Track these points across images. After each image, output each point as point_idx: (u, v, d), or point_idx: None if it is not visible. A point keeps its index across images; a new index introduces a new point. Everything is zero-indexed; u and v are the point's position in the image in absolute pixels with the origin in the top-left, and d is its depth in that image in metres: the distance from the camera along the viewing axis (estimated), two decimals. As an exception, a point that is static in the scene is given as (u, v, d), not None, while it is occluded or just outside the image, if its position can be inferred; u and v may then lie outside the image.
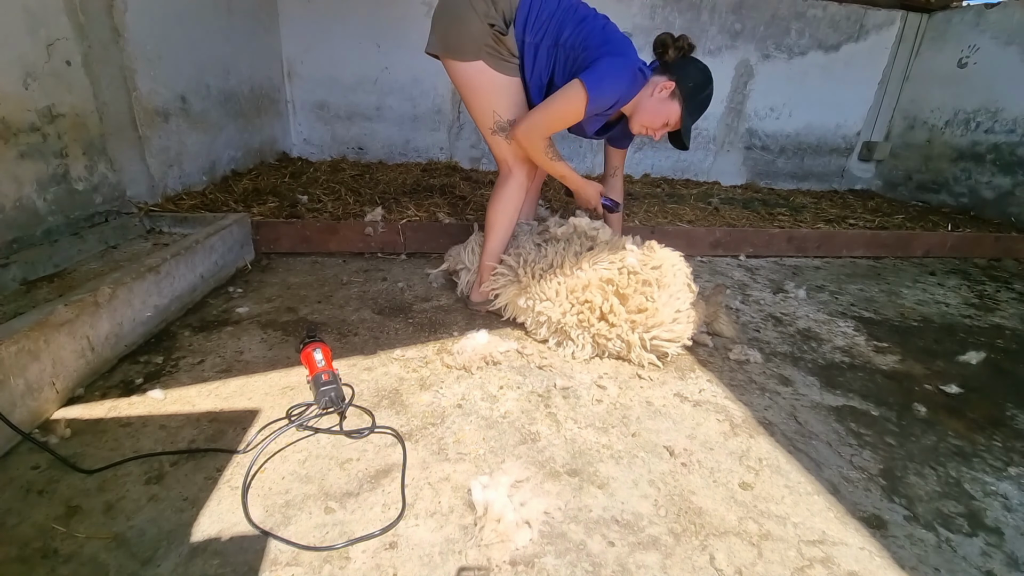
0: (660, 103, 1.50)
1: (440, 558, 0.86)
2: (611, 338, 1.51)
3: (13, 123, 1.46)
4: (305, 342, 1.35)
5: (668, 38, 1.51)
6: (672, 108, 1.51)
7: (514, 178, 1.66)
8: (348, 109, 3.62)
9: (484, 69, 1.47)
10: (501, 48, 1.45)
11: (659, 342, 1.50)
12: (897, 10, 4.02)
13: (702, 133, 4.17)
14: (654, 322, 1.48)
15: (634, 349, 1.50)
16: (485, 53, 1.45)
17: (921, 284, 2.54)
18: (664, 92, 1.49)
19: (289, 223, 2.21)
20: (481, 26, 1.41)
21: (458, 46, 1.45)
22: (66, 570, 0.79)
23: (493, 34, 1.43)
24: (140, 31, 1.93)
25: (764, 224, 2.93)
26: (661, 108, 1.51)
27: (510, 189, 1.66)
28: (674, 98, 1.50)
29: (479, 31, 1.42)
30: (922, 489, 1.13)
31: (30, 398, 1.06)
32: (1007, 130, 3.55)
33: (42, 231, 1.56)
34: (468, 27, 1.42)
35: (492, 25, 1.42)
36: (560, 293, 1.55)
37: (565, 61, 1.48)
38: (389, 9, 3.36)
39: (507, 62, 1.48)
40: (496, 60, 1.46)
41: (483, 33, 1.42)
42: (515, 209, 1.70)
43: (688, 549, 0.92)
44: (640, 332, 1.48)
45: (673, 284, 1.53)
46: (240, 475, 1.00)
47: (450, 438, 1.16)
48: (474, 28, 1.41)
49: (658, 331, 1.49)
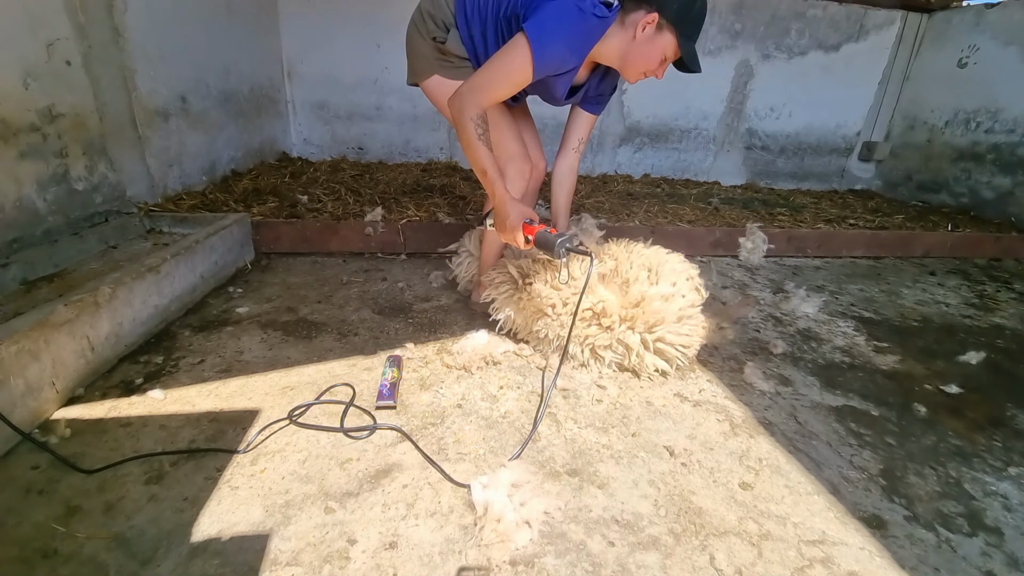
0: (649, 41, 1.30)
1: (440, 558, 0.86)
2: (608, 344, 1.41)
3: (13, 123, 1.46)
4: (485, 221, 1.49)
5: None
6: (665, 40, 1.30)
7: (506, 179, 1.56)
8: (348, 109, 3.62)
9: (440, 81, 1.51)
10: (449, 56, 1.49)
11: (664, 345, 1.39)
12: (897, 10, 4.02)
13: (702, 133, 4.17)
14: (656, 319, 1.39)
15: (634, 352, 1.39)
16: (438, 66, 1.51)
17: (921, 284, 2.54)
18: (649, 28, 1.29)
19: (289, 223, 2.21)
20: (426, 43, 1.49)
21: (416, 68, 1.55)
22: (66, 570, 0.79)
23: (436, 46, 1.48)
24: (140, 31, 1.93)
25: (764, 224, 2.93)
26: (652, 47, 1.31)
27: None
28: (662, 29, 1.29)
29: (426, 49, 1.50)
30: (922, 489, 1.13)
31: (30, 398, 1.06)
32: (1007, 130, 3.54)
33: (42, 231, 1.56)
34: (418, 48, 1.52)
35: (434, 38, 1.47)
36: (556, 307, 1.45)
37: (511, 31, 1.35)
38: (389, 9, 3.35)
39: (459, 68, 1.49)
40: (448, 69, 1.50)
41: (430, 49, 1.50)
42: None
43: (688, 549, 0.92)
44: (642, 332, 1.39)
45: (670, 278, 1.45)
46: (240, 475, 1.00)
47: (450, 438, 1.16)
48: (422, 47, 1.50)
49: (663, 330, 1.39)
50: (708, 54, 3.89)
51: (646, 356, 1.42)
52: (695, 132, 4.15)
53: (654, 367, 1.43)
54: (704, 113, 4.10)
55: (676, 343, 1.42)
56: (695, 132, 4.15)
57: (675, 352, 1.43)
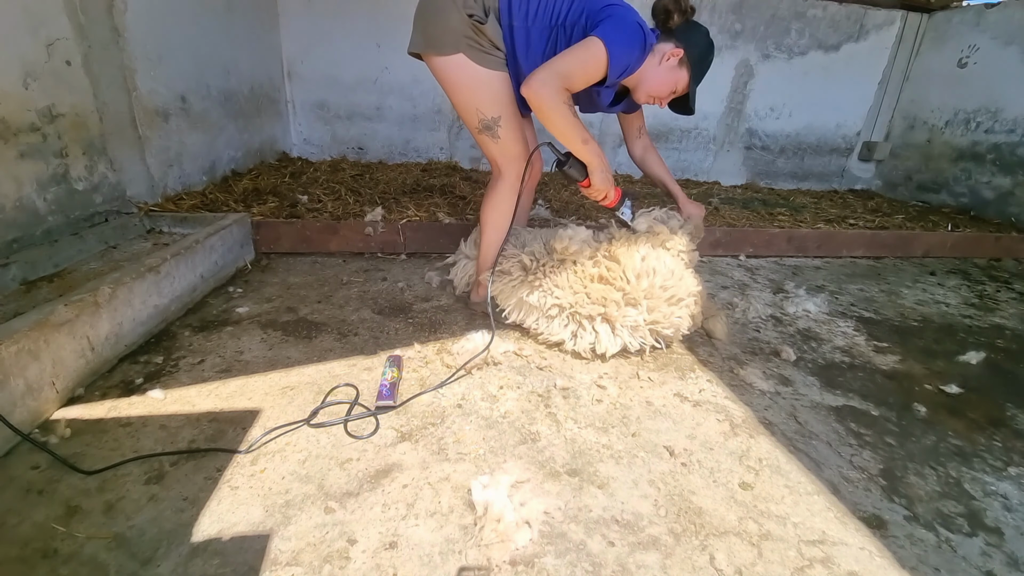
0: (669, 71, 1.45)
1: (440, 558, 0.86)
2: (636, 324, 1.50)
3: (13, 123, 1.46)
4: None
5: (671, 3, 1.42)
6: (681, 76, 1.46)
7: (504, 180, 1.59)
8: (348, 109, 3.62)
9: (464, 63, 1.41)
10: (481, 39, 1.40)
11: (658, 326, 1.52)
12: (897, 10, 4.01)
13: (702, 133, 4.17)
14: (672, 294, 1.51)
15: (639, 331, 1.50)
16: (465, 45, 1.39)
17: (921, 284, 2.54)
18: (673, 60, 1.43)
19: (289, 223, 2.21)
20: (460, 16, 1.36)
21: (437, 39, 1.41)
22: (66, 570, 0.79)
23: (472, 24, 1.37)
24: (140, 31, 1.93)
25: (764, 224, 2.93)
26: (669, 76, 1.46)
27: (501, 192, 1.60)
28: (682, 65, 1.45)
29: (458, 21, 1.37)
30: (922, 489, 1.13)
31: (30, 398, 1.06)
32: (1007, 130, 3.54)
33: (42, 231, 1.56)
34: (446, 18, 1.37)
35: (471, 15, 1.36)
36: (574, 284, 1.51)
37: (569, 40, 1.39)
38: (389, 9, 3.36)
39: (489, 54, 1.42)
40: (477, 52, 1.41)
41: (462, 23, 1.37)
42: (507, 212, 1.62)
43: (688, 549, 0.92)
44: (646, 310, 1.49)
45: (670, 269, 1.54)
46: (240, 475, 1.00)
47: (450, 438, 1.16)
48: (452, 19, 1.37)
49: (661, 312, 1.50)
50: (708, 54, 3.89)
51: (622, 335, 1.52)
52: (695, 132, 4.15)
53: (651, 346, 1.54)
54: (704, 113, 4.09)
55: (668, 323, 1.53)
56: (695, 132, 4.15)
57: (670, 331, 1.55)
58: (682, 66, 1.45)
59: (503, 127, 1.50)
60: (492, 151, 1.56)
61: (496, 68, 1.45)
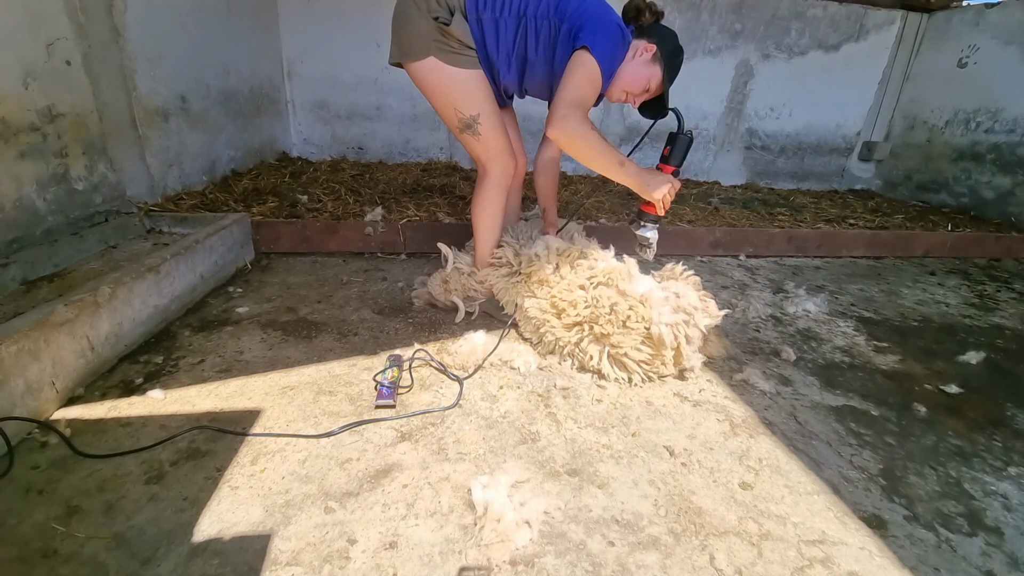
0: (643, 66, 1.45)
1: (440, 558, 0.86)
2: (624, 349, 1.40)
3: (13, 123, 1.46)
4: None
5: (642, 3, 1.45)
6: (654, 72, 1.46)
7: (489, 176, 1.59)
8: (348, 109, 3.62)
9: (437, 65, 1.43)
10: (450, 40, 1.41)
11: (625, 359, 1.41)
12: (897, 10, 4.01)
13: (702, 133, 4.17)
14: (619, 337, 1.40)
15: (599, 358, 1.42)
16: (435, 48, 1.41)
17: (921, 284, 2.54)
18: (646, 55, 1.44)
19: (289, 223, 2.21)
20: (425, 21, 1.39)
21: (408, 46, 1.44)
22: (66, 570, 0.79)
23: (438, 27, 1.39)
24: (140, 31, 1.93)
25: (764, 224, 2.93)
26: (643, 71, 1.45)
27: (488, 190, 1.61)
28: (656, 61, 1.45)
29: (424, 27, 1.40)
30: (922, 489, 1.13)
31: (30, 398, 1.06)
32: (1007, 130, 3.54)
33: (42, 231, 1.56)
34: (414, 25, 1.41)
35: (436, 18, 1.38)
36: (576, 304, 1.47)
37: (537, 32, 1.41)
38: (389, 9, 3.32)
39: (459, 54, 1.42)
40: (447, 54, 1.42)
41: (429, 28, 1.40)
42: (497, 209, 1.63)
43: (688, 549, 0.92)
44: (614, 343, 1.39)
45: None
46: (240, 475, 1.00)
47: (450, 438, 1.16)
48: (420, 25, 1.40)
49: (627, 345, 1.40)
50: (708, 54, 3.89)
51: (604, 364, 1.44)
52: (695, 132, 4.15)
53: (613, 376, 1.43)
54: (704, 113, 4.10)
55: (636, 359, 1.41)
56: (695, 132, 4.15)
57: (634, 367, 1.42)
58: (655, 62, 1.45)
59: (483, 123, 1.51)
60: (475, 149, 1.58)
61: (469, 67, 1.45)
